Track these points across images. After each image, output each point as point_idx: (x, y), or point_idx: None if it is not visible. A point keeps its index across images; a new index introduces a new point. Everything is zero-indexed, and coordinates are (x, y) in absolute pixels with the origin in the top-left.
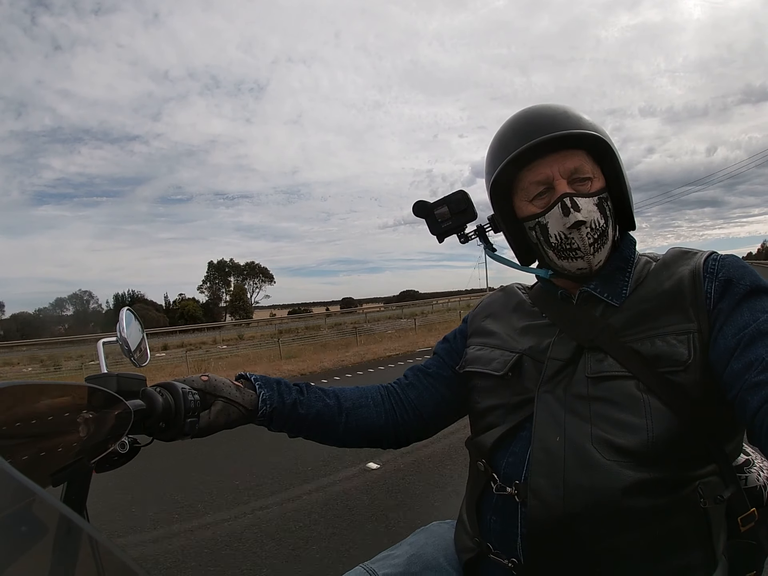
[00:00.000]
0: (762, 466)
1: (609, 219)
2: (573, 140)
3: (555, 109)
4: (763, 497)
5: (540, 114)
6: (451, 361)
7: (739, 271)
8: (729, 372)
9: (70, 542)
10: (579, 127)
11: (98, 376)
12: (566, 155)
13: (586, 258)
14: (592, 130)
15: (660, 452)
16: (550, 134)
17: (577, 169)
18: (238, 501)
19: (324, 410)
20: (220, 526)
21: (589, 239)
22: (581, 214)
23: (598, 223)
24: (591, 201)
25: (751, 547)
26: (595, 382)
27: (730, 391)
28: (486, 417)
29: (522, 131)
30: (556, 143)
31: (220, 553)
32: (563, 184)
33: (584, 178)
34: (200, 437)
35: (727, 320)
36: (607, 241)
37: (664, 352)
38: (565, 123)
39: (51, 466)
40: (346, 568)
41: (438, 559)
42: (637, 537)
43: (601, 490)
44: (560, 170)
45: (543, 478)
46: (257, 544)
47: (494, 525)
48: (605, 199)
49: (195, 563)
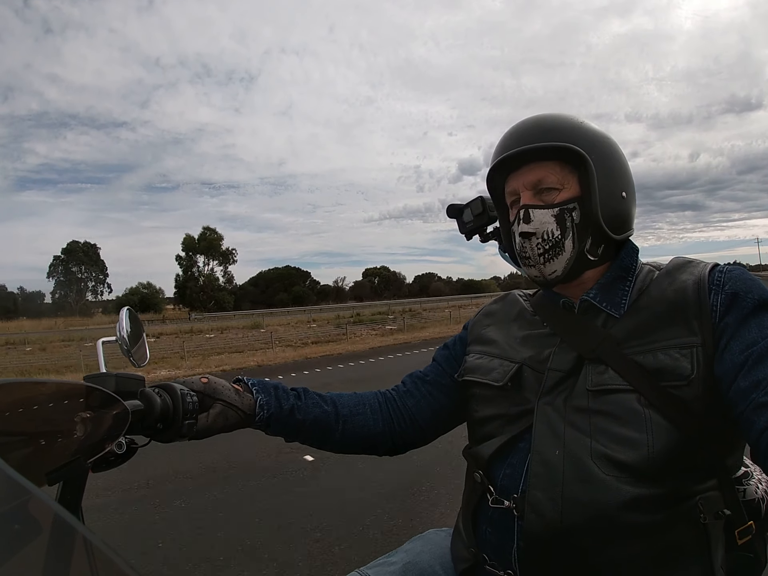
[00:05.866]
0: (760, 479)
1: (569, 230)
2: (544, 152)
3: (538, 121)
4: (761, 510)
5: (523, 127)
6: (450, 369)
7: (746, 284)
8: (735, 389)
9: (64, 543)
10: (553, 138)
11: (96, 376)
12: (534, 167)
13: (537, 267)
14: (571, 140)
15: (660, 467)
16: (508, 152)
17: (541, 180)
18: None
19: (321, 416)
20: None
21: (538, 249)
22: (531, 225)
23: (550, 235)
24: (548, 212)
25: (749, 560)
26: (595, 395)
27: (735, 408)
28: (484, 426)
29: (501, 146)
30: (528, 155)
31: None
32: (527, 196)
33: (548, 188)
34: (197, 439)
35: (735, 335)
36: (561, 252)
37: (666, 366)
38: (541, 136)
39: (47, 465)
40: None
41: (434, 567)
42: (635, 552)
43: (599, 505)
44: (524, 182)
45: (541, 491)
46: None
47: (490, 536)
48: (570, 210)
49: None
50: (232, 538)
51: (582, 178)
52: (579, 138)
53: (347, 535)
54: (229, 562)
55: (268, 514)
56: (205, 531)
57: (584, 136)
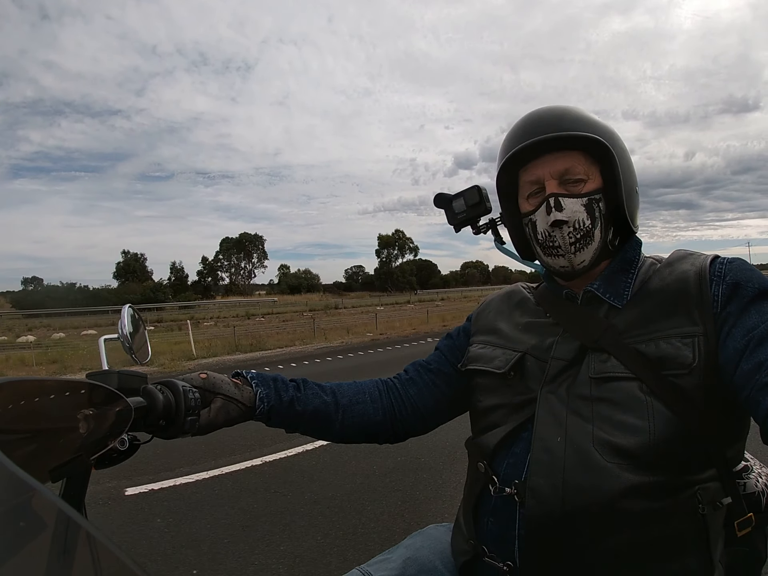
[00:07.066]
0: (760, 472)
1: (597, 220)
2: (568, 141)
3: (556, 110)
4: (761, 503)
5: (541, 116)
6: (453, 359)
7: (747, 274)
8: (739, 373)
9: (68, 539)
10: (575, 128)
11: (99, 373)
12: (559, 156)
13: (566, 256)
14: (592, 132)
15: (660, 455)
16: (537, 137)
17: (568, 170)
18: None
19: (321, 407)
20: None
21: (570, 238)
22: (563, 213)
23: (582, 224)
24: (578, 201)
25: (749, 555)
26: (598, 382)
27: (741, 392)
28: (488, 416)
29: (523, 131)
30: (550, 144)
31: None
32: (552, 185)
33: (576, 179)
34: (200, 435)
35: (736, 323)
36: (591, 242)
37: (668, 355)
38: (561, 125)
39: (50, 462)
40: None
41: (434, 562)
42: (633, 540)
43: (599, 491)
44: (551, 171)
45: (542, 478)
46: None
47: (491, 527)
48: (597, 200)
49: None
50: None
51: (604, 170)
52: (602, 131)
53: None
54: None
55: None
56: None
57: (605, 129)
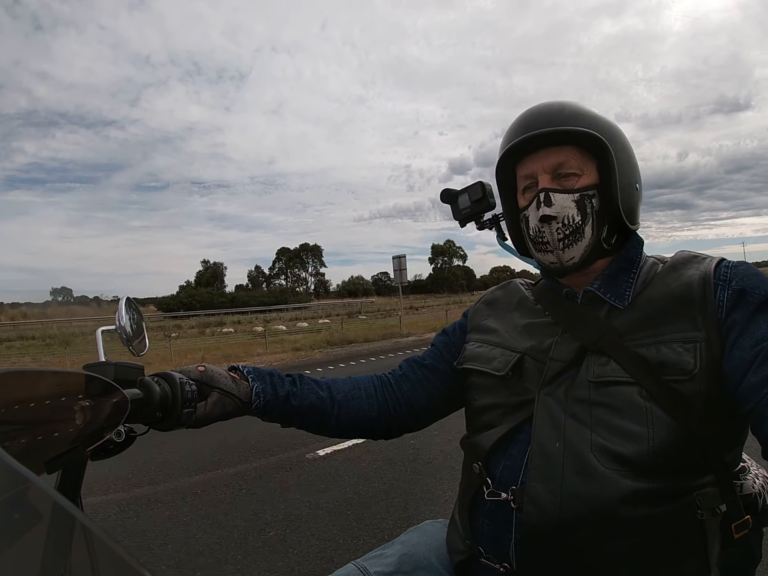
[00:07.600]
0: (757, 474)
1: (589, 217)
2: (564, 136)
3: (555, 105)
4: (758, 505)
5: (540, 111)
6: (449, 356)
7: (753, 280)
8: (746, 385)
9: (63, 531)
10: (573, 123)
11: (96, 364)
12: (553, 151)
13: (555, 252)
14: (590, 127)
15: (659, 462)
16: (532, 132)
17: (561, 164)
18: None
19: (317, 402)
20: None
21: (558, 234)
22: (552, 209)
23: (571, 220)
24: (569, 197)
25: (743, 556)
26: (597, 386)
27: (745, 404)
28: (483, 416)
29: (521, 126)
30: (546, 139)
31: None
32: (545, 179)
33: (568, 173)
34: (196, 428)
35: (743, 332)
36: (581, 238)
37: (669, 360)
38: (558, 120)
39: (46, 454)
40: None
41: (430, 558)
42: (631, 546)
43: (598, 498)
44: (544, 166)
45: (540, 484)
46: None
47: (487, 529)
48: (589, 196)
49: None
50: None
51: (601, 166)
52: (600, 126)
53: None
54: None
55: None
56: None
57: (604, 124)
